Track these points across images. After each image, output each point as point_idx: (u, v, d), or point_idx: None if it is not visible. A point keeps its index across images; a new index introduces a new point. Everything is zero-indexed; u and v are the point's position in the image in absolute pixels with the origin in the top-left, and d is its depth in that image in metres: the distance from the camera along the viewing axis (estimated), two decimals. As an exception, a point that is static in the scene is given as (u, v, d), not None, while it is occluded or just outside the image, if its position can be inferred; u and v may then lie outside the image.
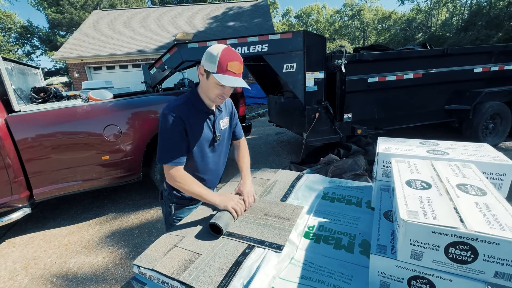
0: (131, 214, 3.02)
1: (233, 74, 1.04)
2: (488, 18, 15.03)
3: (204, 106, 1.17)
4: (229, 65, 1.02)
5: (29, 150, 2.44)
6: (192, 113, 1.13)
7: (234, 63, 1.03)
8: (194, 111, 1.14)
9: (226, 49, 1.03)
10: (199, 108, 1.16)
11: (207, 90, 1.11)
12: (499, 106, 4.03)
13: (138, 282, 0.91)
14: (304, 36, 3.17)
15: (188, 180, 1.13)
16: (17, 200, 2.46)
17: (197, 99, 1.16)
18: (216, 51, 1.02)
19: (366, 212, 1.11)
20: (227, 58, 1.02)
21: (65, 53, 11.59)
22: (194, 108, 1.14)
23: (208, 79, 1.07)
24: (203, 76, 1.09)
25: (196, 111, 1.15)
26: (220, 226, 0.98)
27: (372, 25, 30.51)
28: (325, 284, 0.76)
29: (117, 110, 2.71)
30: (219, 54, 1.01)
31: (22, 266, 2.29)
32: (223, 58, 1.01)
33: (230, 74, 1.03)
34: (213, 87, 1.08)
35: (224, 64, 1.01)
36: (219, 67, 1.02)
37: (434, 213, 0.62)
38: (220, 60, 1.01)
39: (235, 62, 1.04)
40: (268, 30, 12.45)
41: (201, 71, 1.09)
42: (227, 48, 1.04)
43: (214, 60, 1.01)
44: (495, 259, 0.55)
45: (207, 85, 1.09)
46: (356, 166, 3.02)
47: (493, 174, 0.85)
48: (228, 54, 1.02)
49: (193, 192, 1.13)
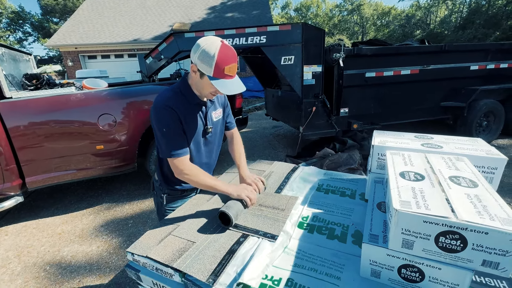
0: (125, 204, 3.01)
1: (231, 77, 0.98)
2: (486, 16, 15.07)
3: (195, 98, 1.11)
4: (227, 69, 0.95)
5: (21, 138, 2.40)
6: (184, 105, 1.08)
7: (232, 66, 0.96)
8: (186, 103, 1.08)
9: (222, 48, 0.93)
10: (191, 100, 1.10)
11: (200, 87, 1.05)
12: (493, 104, 4.08)
13: (132, 269, 0.92)
14: (303, 29, 3.14)
15: (196, 171, 1.08)
16: (9, 188, 2.43)
17: (188, 90, 1.09)
18: (212, 50, 0.92)
19: (360, 204, 1.12)
20: (224, 61, 0.94)
21: (58, 41, 11.31)
22: (186, 100, 1.09)
23: (202, 79, 1.00)
24: (195, 73, 1.01)
25: (188, 103, 1.09)
26: (230, 216, 0.96)
27: (371, 21, 30.36)
28: (318, 272, 0.77)
29: (112, 99, 2.67)
30: (216, 56, 0.92)
31: (14, 254, 2.28)
32: (220, 61, 0.93)
33: (227, 78, 0.97)
34: (207, 86, 1.01)
35: (222, 68, 0.94)
36: (216, 71, 0.94)
37: (426, 203, 0.63)
38: (217, 63, 0.93)
39: (233, 64, 0.97)
40: (267, 22, 12.30)
41: (194, 69, 1.00)
42: (223, 46, 0.94)
43: (211, 62, 0.93)
44: (484, 248, 0.56)
45: (200, 83, 1.03)
46: (351, 160, 3.04)
47: (485, 168, 0.87)
48: (225, 55, 0.94)
49: (204, 184, 1.08)
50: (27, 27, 26.18)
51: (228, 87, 0.97)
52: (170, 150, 1.05)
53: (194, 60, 0.98)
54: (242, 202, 1.06)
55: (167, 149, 1.06)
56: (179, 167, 1.06)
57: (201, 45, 0.95)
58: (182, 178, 1.09)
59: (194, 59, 0.98)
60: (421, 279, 0.66)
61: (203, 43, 0.95)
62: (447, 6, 21.62)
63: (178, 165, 1.06)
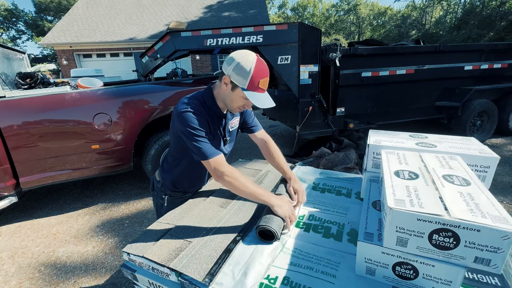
0: (121, 204, 2.99)
1: (263, 91, 1.00)
2: (480, 17, 15.24)
3: (218, 110, 1.11)
4: (261, 82, 0.98)
5: (15, 138, 2.36)
6: (208, 114, 1.07)
7: (265, 80, 0.99)
8: (210, 112, 1.08)
9: (258, 62, 0.97)
10: (213, 112, 1.10)
11: (229, 100, 1.05)
12: (486, 104, 4.14)
13: (128, 269, 0.91)
14: (299, 28, 3.14)
15: (237, 175, 1.01)
16: (3, 189, 2.40)
17: (212, 102, 1.09)
18: (248, 65, 0.95)
19: (355, 202, 1.13)
20: (260, 75, 0.97)
21: (52, 39, 11.17)
22: (209, 110, 1.08)
23: (234, 91, 1.01)
24: (227, 86, 1.02)
25: (211, 113, 1.09)
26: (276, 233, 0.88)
27: (367, 21, 30.51)
28: (313, 271, 0.78)
29: (107, 98, 2.65)
30: (252, 70, 0.95)
31: (8, 255, 2.26)
32: (256, 75, 0.96)
33: (260, 91, 0.99)
34: (238, 100, 1.03)
35: (257, 82, 0.96)
36: (251, 84, 0.96)
37: (420, 202, 0.64)
38: (253, 77, 0.95)
39: (266, 79, 0.99)
40: (263, 22, 12.30)
41: (226, 81, 1.00)
42: (259, 61, 0.97)
43: (247, 75, 0.95)
44: (476, 245, 0.57)
45: (230, 96, 1.03)
46: (347, 160, 3.06)
47: (478, 166, 0.88)
48: (260, 69, 0.97)
49: (246, 189, 0.99)
50: (20, 25, 25.81)
51: (261, 100, 0.99)
52: (206, 151, 1.01)
53: (227, 72, 0.98)
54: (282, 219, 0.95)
55: (203, 152, 1.01)
56: (219, 168, 1.00)
57: (236, 58, 0.97)
58: (222, 181, 1.01)
59: (228, 71, 0.98)
60: (415, 276, 0.67)
61: (238, 55, 0.97)
62: (442, 6, 21.83)
63: (218, 167, 1.00)
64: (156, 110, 2.80)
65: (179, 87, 2.99)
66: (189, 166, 1.20)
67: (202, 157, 1.01)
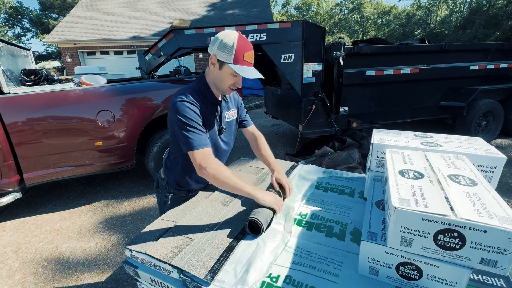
0: (124, 201, 3.01)
1: (249, 64, 1.02)
2: (486, 16, 15.04)
3: (213, 97, 1.13)
4: (246, 55, 1.00)
5: (19, 134, 2.38)
6: (204, 103, 1.09)
7: (250, 53, 1.02)
8: (205, 101, 1.10)
9: (240, 37, 1.00)
10: (209, 99, 1.11)
11: (219, 80, 1.06)
12: (492, 104, 4.09)
13: (130, 266, 0.91)
14: (303, 27, 3.13)
15: (222, 168, 1.00)
16: (7, 184, 2.42)
17: (206, 89, 1.11)
18: (231, 40, 0.98)
19: (359, 202, 1.12)
20: (243, 48, 0.99)
21: (57, 37, 11.23)
22: (205, 98, 1.10)
23: (222, 69, 1.03)
24: (214, 66, 1.04)
25: (207, 101, 1.10)
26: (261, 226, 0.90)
27: (371, 20, 30.27)
28: (316, 270, 0.77)
29: (110, 96, 2.66)
30: (236, 44, 0.97)
31: (12, 250, 2.28)
32: (239, 48, 0.98)
33: (246, 65, 1.01)
34: (226, 77, 1.04)
35: (241, 55, 0.99)
36: (236, 58, 0.99)
37: (426, 201, 0.63)
38: (237, 50, 0.98)
39: (251, 52, 1.02)
40: (267, 20, 12.24)
41: (213, 61, 1.03)
42: (241, 37, 1.00)
43: (230, 50, 0.98)
44: (482, 246, 0.56)
45: (219, 75, 1.05)
46: (350, 159, 3.04)
47: (484, 167, 0.87)
48: (244, 43, 1.00)
49: (230, 183, 0.99)
50: (25, 23, 25.98)
51: (248, 73, 1.01)
52: (194, 142, 0.99)
53: (213, 52, 1.01)
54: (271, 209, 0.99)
55: (190, 143, 1.00)
56: (204, 160, 0.98)
57: (219, 36, 1.00)
58: (206, 174, 0.99)
59: (213, 50, 1.01)
60: (419, 276, 0.66)
61: (221, 35, 1.00)
62: (448, 5, 21.58)
63: (203, 159, 0.99)
64: (159, 107, 2.80)
65: (182, 85, 3.00)
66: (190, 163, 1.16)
67: (189, 147, 1.00)
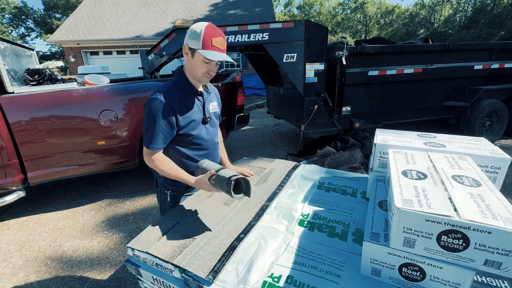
0: (126, 201, 3.02)
1: (218, 49, 1.05)
2: (491, 16, 14.90)
3: (192, 88, 1.17)
4: (214, 41, 1.03)
5: (23, 133, 2.40)
6: (181, 96, 1.14)
7: (218, 39, 1.04)
8: (183, 94, 1.15)
9: (209, 25, 1.05)
10: (188, 90, 1.16)
11: (193, 68, 1.11)
12: (496, 104, 4.04)
13: (133, 265, 0.92)
14: (305, 26, 3.12)
15: (167, 162, 1.14)
16: (11, 183, 2.44)
17: (185, 81, 1.16)
18: (199, 28, 1.03)
19: (361, 202, 1.12)
20: (211, 34, 1.03)
21: (60, 36, 11.31)
22: (183, 90, 1.15)
23: (194, 57, 1.08)
24: (188, 55, 1.10)
25: (185, 94, 1.15)
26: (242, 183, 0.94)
27: (374, 19, 30.12)
28: (318, 270, 0.77)
29: (113, 95, 2.67)
30: (203, 31, 1.02)
31: (16, 248, 2.30)
32: (207, 34, 1.03)
33: (215, 50, 1.04)
34: (199, 64, 1.08)
35: (209, 40, 1.03)
36: (204, 43, 1.03)
37: (429, 202, 0.62)
38: (205, 36, 1.02)
39: (219, 38, 1.05)
40: (269, 20, 12.22)
41: (186, 50, 1.09)
42: (209, 25, 1.05)
43: (199, 37, 1.03)
44: (486, 248, 0.56)
45: (193, 63, 1.10)
46: (352, 159, 3.03)
47: (488, 167, 0.86)
48: (211, 30, 1.04)
49: (169, 173, 1.13)
50: (29, 23, 26.19)
51: (215, 56, 1.04)
52: (151, 140, 1.10)
53: (185, 42, 1.08)
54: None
55: (148, 139, 1.11)
56: (150, 157, 1.13)
57: (191, 27, 1.07)
58: (151, 165, 1.14)
59: (185, 40, 1.08)
60: (422, 278, 0.66)
61: (193, 26, 1.07)
62: (452, 5, 21.42)
63: (150, 155, 1.13)
64: (161, 107, 2.80)
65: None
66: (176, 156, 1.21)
67: (146, 142, 1.11)
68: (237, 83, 3.47)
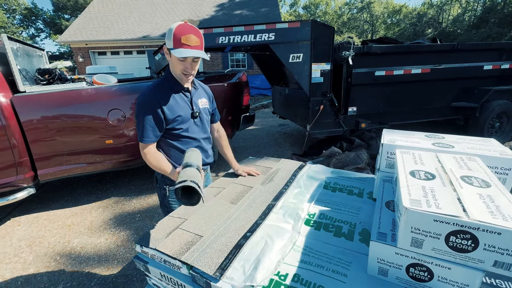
0: (133, 199, 3.06)
1: (189, 47, 1.07)
2: (501, 15, 14.61)
3: (178, 85, 1.22)
4: (183, 39, 1.05)
5: (34, 131, 2.45)
6: (168, 92, 1.19)
7: (188, 36, 1.06)
8: (169, 90, 1.20)
9: (180, 24, 1.07)
10: (174, 87, 1.21)
11: (173, 67, 1.17)
12: (506, 105, 3.97)
13: (141, 261, 0.93)
14: (312, 26, 3.11)
15: (158, 157, 1.20)
16: (22, 180, 2.50)
17: (171, 78, 1.22)
18: (172, 27, 1.06)
19: (368, 202, 1.12)
20: (180, 32, 1.05)
21: (69, 37, 11.50)
22: (170, 87, 1.20)
23: (171, 57, 1.12)
24: (168, 55, 1.14)
25: (171, 90, 1.21)
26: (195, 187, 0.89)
27: (381, 19, 29.82)
28: (324, 269, 0.77)
29: (121, 95, 2.71)
30: (173, 30, 1.05)
31: (27, 244, 2.35)
32: (177, 33, 1.05)
33: (185, 47, 1.06)
34: (176, 63, 1.13)
35: (179, 38, 1.05)
36: (175, 42, 1.06)
37: (437, 202, 0.62)
38: (175, 35, 1.05)
39: (190, 35, 1.06)
40: (275, 20, 12.22)
41: (165, 50, 1.13)
42: (181, 24, 1.08)
43: (170, 36, 1.06)
44: (496, 249, 0.55)
45: (171, 63, 1.15)
46: (358, 160, 3.01)
47: (498, 169, 0.85)
48: (181, 28, 1.06)
49: (155, 165, 1.19)
50: (39, 24, 26.73)
51: (183, 53, 1.06)
52: (142, 135, 1.17)
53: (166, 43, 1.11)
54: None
55: (140, 133, 1.17)
56: (144, 151, 1.19)
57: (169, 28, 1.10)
58: (144, 159, 1.21)
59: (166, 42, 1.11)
60: (429, 278, 0.66)
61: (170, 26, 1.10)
62: (461, 4, 21.07)
63: (143, 149, 1.19)
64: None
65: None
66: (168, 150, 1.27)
67: (139, 137, 1.18)
68: (243, 83, 3.49)
